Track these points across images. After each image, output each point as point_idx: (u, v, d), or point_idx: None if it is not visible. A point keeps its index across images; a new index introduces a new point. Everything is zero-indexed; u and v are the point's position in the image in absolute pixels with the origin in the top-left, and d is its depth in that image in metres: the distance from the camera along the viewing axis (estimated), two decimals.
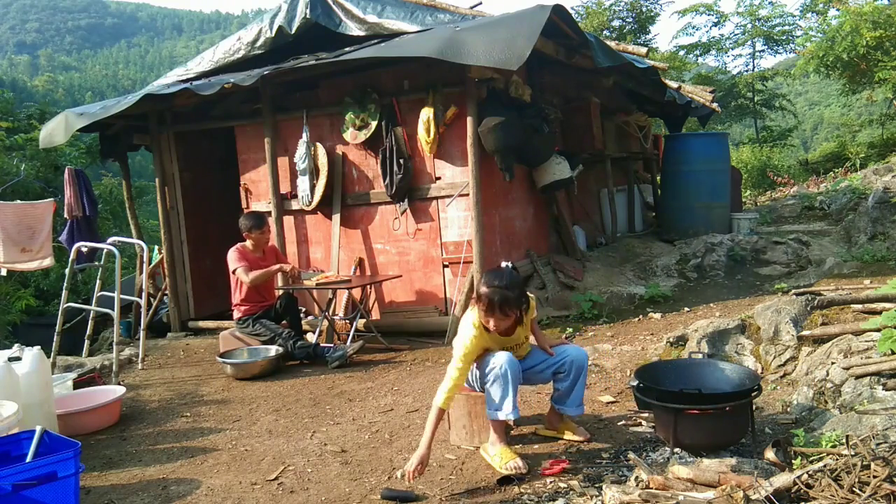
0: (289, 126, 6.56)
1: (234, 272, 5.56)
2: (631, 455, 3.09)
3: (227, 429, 4.14)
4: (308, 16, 6.44)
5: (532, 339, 3.51)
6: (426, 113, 5.76)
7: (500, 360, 3.17)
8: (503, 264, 3.32)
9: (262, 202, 6.79)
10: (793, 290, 4.84)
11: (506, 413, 3.16)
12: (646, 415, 3.61)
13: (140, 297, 6.20)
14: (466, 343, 3.16)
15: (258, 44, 6.75)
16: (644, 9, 18.61)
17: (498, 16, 5.84)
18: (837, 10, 14.32)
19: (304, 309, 6.27)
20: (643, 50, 7.69)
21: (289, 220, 6.69)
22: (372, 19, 6.25)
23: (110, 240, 6.39)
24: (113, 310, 5.61)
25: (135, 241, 6.88)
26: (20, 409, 3.44)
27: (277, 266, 5.72)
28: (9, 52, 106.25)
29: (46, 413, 3.92)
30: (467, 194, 5.75)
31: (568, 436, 3.46)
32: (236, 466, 3.52)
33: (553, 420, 3.53)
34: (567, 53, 6.21)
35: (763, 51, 19.53)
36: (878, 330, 3.55)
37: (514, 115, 5.74)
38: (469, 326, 3.21)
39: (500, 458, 3.17)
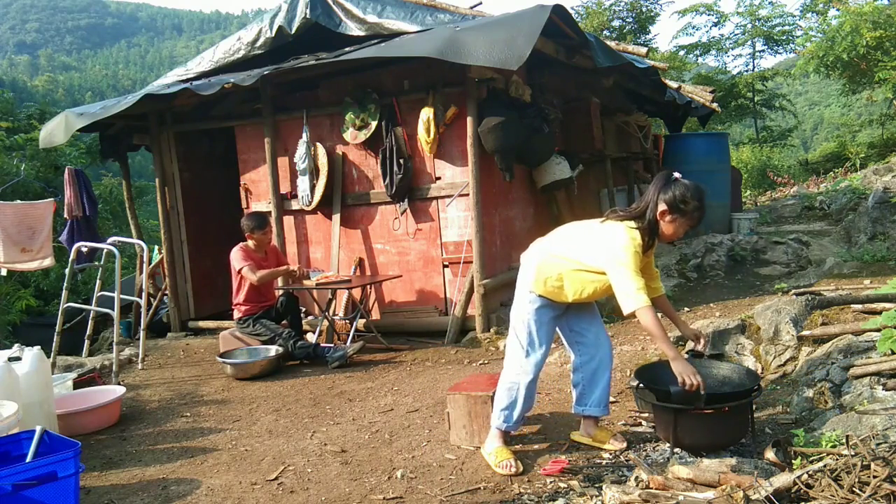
0: (289, 126, 6.56)
1: (239, 271, 5.56)
2: (631, 455, 3.10)
3: (227, 429, 4.14)
4: (308, 16, 6.43)
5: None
6: (426, 113, 5.76)
7: (532, 368, 3.16)
8: (676, 174, 3.01)
9: (262, 202, 6.78)
10: (793, 290, 4.84)
11: (505, 423, 3.22)
12: (646, 415, 3.61)
13: (140, 297, 6.20)
14: (633, 250, 2.88)
15: (258, 44, 6.75)
16: (644, 9, 18.61)
17: (498, 16, 5.84)
18: (837, 10, 14.33)
19: (304, 309, 6.26)
20: (643, 50, 7.70)
21: (289, 220, 6.69)
22: (372, 19, 6.25)
23: (110, 240, 6.39)
24: (113, 310, 5.61)
25: (135, 241, 6.88)
26: (20, 409, 3.44)
27: (285, 267, 5.73)
28: (9, 52, 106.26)
29: (46, 413, 3.91)
30: (467, 194, 5.75)
31: (604, 444, 3.32)
32: (236, 466, 3.52)
33: (588, 426, 3.40)
34: (567, 53, 6.21)
35: (763, 51, 19.54)
36: (878, 330, 3.55)
37: (514, 115, 5.74)
38: (627, 237, 2.91)
39: (496, 457, 3.17)
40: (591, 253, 3.03)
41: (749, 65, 19.91)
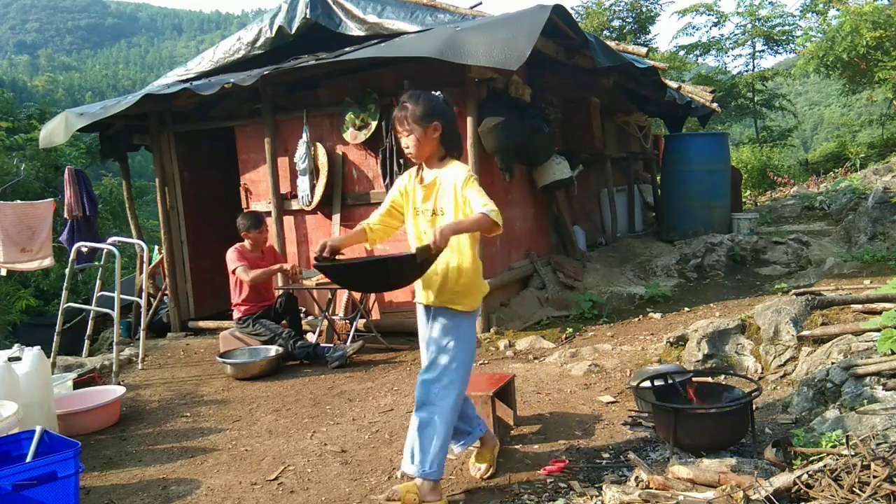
0: (289, 126, 6.56)
1: (233, 272, 5.57)
2: (631, 455, 3.09)
3: (227, 429, 4.14)
4: (308, 16, 6.44)
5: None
6: None
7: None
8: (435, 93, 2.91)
9: (262, 202, 6.78)
10: (793, 290, 4.84)
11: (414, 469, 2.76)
12: (646, 415, 3.61)
13: (140, 297, 6.20)
14: (393, 188, 3.08)
15: (258, 44, 6.75)
16: (644, 9, 18.62)
17: (498, 16, 5.84)
18: (837, 10, 14.33)
19: (304, 309, 6.26)
20: (643, 50, 7.71)
21: (289, 220, 6.69)
22: (372, 19, 6.25)
23: (110, 240, 6.39)
24: (113, 310, 5.61)
25: (135, 241, 6.88)
26: (20, 409, 3.44)
27: (278, 266, 5.72)
28: (9, 52, 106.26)
29: (46, 413, 3.91)
30: None
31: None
32: (236, 466, 3.52)
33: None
34: (567, 53, 6.21)
35: (763, 51, 19.53)
36: (878, 330, 3.56)
37: (514, 115, 5.74)
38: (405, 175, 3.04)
39: None
40: None
41: (749, 65, 19.91)
